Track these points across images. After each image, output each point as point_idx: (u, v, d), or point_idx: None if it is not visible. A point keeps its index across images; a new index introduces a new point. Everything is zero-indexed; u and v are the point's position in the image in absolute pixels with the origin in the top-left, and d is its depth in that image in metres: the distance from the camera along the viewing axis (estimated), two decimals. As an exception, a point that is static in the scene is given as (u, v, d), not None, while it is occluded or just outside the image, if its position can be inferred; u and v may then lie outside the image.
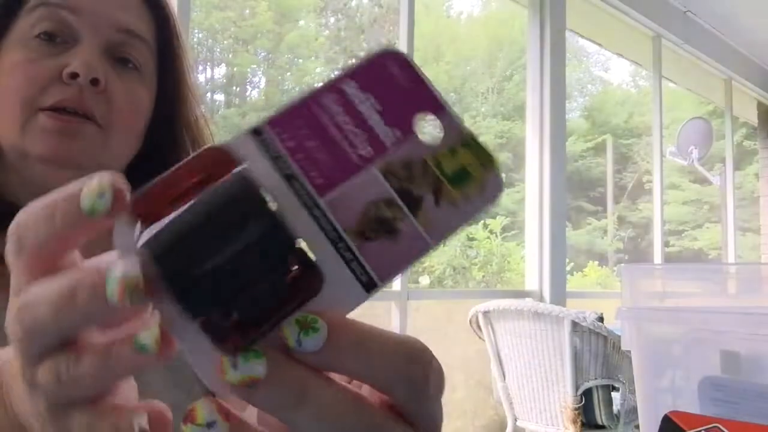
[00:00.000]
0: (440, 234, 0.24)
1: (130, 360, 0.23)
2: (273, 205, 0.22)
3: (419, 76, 0.25)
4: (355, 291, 0.24)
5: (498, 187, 0.25)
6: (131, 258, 0.22)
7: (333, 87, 0.25)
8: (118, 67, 0.63)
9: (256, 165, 0.23)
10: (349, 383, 0.24)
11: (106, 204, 0.22)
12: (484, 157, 0.25)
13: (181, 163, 0.24)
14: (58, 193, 0.24)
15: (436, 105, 0.25)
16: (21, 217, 0.24)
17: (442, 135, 0.25)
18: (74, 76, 0.59)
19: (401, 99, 0.25)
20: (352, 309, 0.24)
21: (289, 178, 0.24)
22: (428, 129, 0.25)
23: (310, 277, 0.23)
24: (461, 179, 0.25)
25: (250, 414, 0.24)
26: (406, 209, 0.24)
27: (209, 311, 0.22)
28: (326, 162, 0.24)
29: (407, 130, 0.25)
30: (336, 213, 0.24)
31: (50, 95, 0.59)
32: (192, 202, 0.22)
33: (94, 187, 0.23)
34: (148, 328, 0.23)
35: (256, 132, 0.24)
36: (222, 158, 0.23)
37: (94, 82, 0.60)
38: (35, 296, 0.23)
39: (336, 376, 0.24)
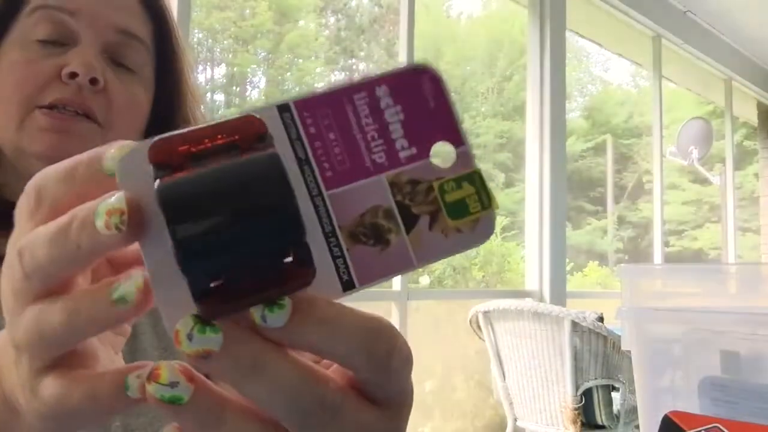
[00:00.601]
0: (425, 258, 0.25)
1: (103, 310, 0.23)
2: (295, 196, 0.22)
3: (448, 101, 0.26)
4: (333, 286, 0.24)
5: (489, 230, 0.26)
6: (121, 192, 0.23)
7: (366, 86, 0.25)
8: (117, 68, 0.64)
9: (276, 142, 0.24)
10: (318, 363, 0.25)
11: None
12: (485, 198, 0.26)
13: (211, 122, 0.24)
14: (79, 156, 0.25)
15: (455, 135, 0.25)
16: (40, 175, 0.25)
17: (452, 164, 0.25)
18: (73, 75, 0.59)
19: (426, 118, 0.25)
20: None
21: (302, 162, 0.24)
22: (443, 154, 0.25)
23: (304, 270, 0.23)
24: (458, 212, 0.25)
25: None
26: (401, 224, 0.25)
27: (201, 267, 0.22)
28: (341, 157, 0.25)
29: (423, 151, 0.25)
30: (336, 208, 0.24)
31: (49, 94, 0.60)
32: (220, 165, 0.22)
33: (117, 149, 0.24)
34: (129, 277, 0.23)
35: (283, 108, 0.24)
36: (253, 128, 0.23)
37: (93, 81, 0.60)
38: (35, 235, 0.24)
39: (306, 356, 0.24)
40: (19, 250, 0.24)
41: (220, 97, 10.63)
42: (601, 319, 2.57)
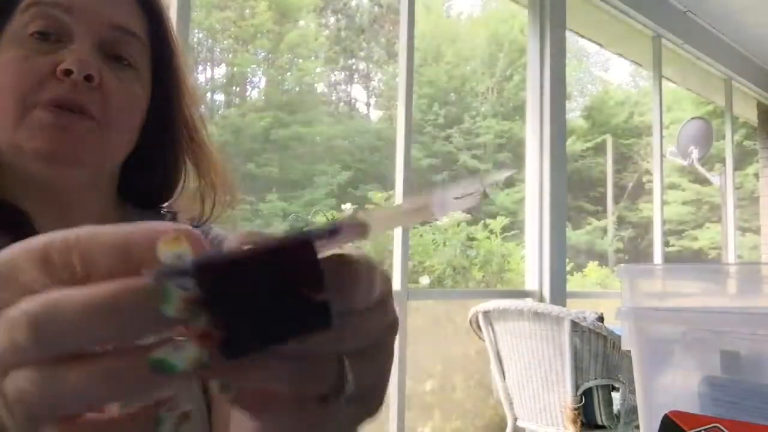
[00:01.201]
0: None
1: (141, 378, 0.22)
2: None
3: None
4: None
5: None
6: (184, 278, 0.22)
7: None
8: (112, 64, 0.63)
9: None
10: None
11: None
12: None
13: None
14: (134, 234, 0.23)
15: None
16: (83, 234, 0.23)
17: None
18: (68, 72, 0.59)
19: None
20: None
21: None
22: None
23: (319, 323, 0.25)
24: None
25: None
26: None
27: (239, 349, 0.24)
28: None
29: None
30: None
31: (45, 91, 0.59)
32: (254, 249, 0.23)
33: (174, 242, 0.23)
34: (177, 345, 0.22)
35: None
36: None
37: (89, 78, 0.60)
38: (63, 297, 0.22)
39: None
40: (32, 311, 0.22)
41: (220, 97, 10.63)
42: (601, 319, 2.57)
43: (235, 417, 0.42)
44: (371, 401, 0.30)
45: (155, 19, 0.68)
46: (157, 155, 0.70)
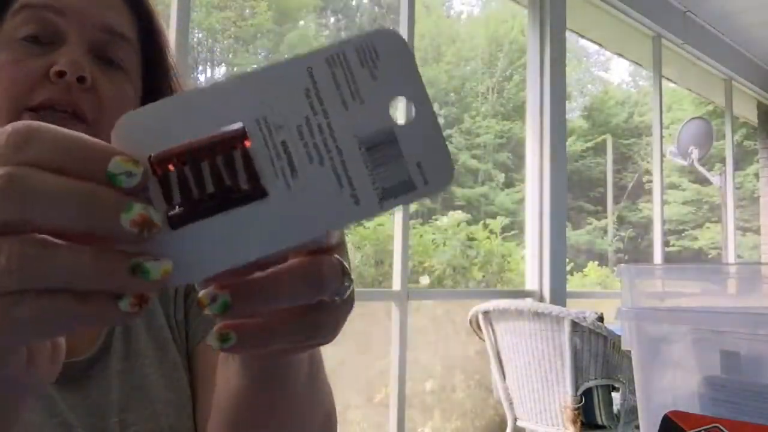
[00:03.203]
0: None
1: (120, 273, 0.27)
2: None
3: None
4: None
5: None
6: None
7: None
8: (104, 66, 0.64)
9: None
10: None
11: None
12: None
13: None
14: (84, 139, 0.28)
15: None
16: (40, 126, 0.28)
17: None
18: (61, 74, 0.59)
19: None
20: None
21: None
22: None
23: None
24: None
25: None
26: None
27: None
28: None
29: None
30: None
31: (38, 94, 0.60)
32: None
33: (122, 160, 0.27)
34: (155, 258, 0.27)
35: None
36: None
37: (81, 79, 0.60)
38: (43, 176, 0.26)
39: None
40: (11, 171, 0.26)
41: (220, 97, 10.61)
42: (601, 319, 2.57)
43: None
44: (347, 305, 0.35)
45: (145, 20, 0.69)
46: None
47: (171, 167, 0.28)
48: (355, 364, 3.62)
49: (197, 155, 0.28)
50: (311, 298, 0.32)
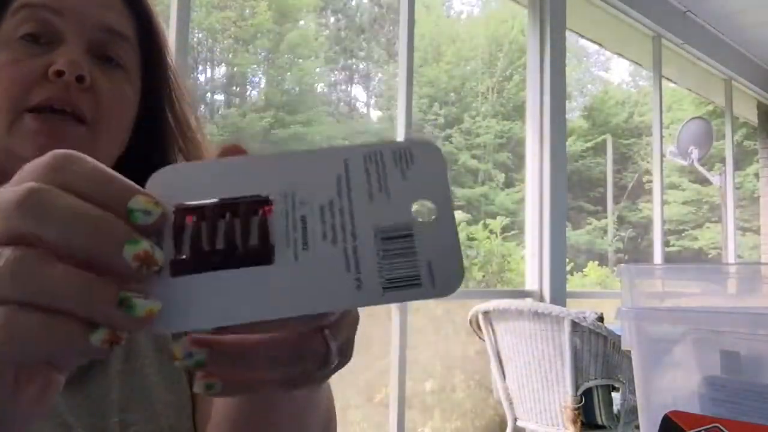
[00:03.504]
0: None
1: (106, 303, 0.27)
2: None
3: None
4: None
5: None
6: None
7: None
8: (103, 65, 0.64)
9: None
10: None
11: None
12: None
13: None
14: (115, 176, 0.29)
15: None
16: (76, 158, 0.29)
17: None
18: (60, 74, 0.59)
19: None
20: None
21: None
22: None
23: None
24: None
25: None
26: None
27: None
28: None
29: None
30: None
31: (36, 94, 0.60)
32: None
33: (149, 201, 0.28)
34: (144, 296, 0.27)
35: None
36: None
37: (80, 79, 0.60)
38: (64, 196, 0.27)
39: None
40: (38, 187, 0.27)
41: (220, 97, 10.63)
42: (601, 319, 2.57)
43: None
44: (348, 352, 0.35)
45: (144, 19, 0.69)
46: (148, 156, 0.70)
47: (189, 219, 0.29)
48: (355, 364, 3.61)
49: (217, 212, 0.29)
50: (289, 371, 0.32)
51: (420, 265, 0.29)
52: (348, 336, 0.34)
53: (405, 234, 0.29)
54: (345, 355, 0.34)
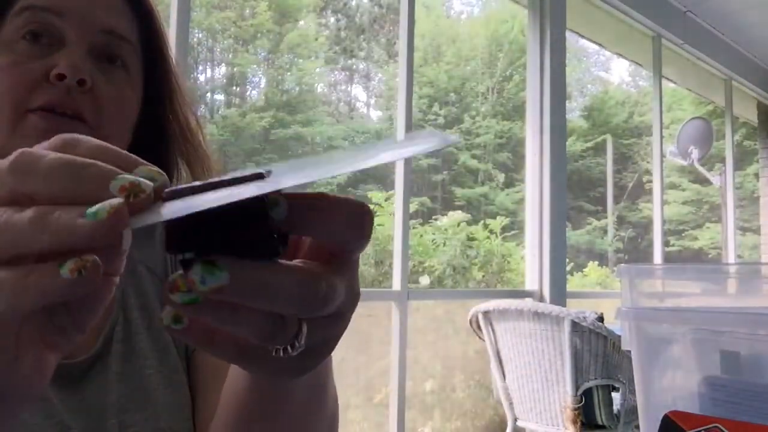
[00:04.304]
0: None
1: (69, 225, 0.26)
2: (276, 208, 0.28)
3: None
4: None
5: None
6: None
7: None
8: (105, 68, 0.64)
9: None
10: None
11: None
12: None
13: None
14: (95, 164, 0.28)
15: None
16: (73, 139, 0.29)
17: None
18: (61, 77, 0.59)
19: None
20: None
21: None
22: None
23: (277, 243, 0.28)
24: None
25: None
26: None
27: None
28: None
29: None
30: None
31: (38, 96, 0.60)
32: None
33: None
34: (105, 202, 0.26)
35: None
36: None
37: (81, 82, 0.60)
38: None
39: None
40: (28, 150, 0.28)
41: (220, 97, 10.63)
42: (601, 319, 2.57)
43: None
44: (315, 356, 0.33)
45: (146, 21, 0.69)
46: (149, 158, 0.70)
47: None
48: (355, 364, 3.62)
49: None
50: (256, 337, 0.30)
51: None
52: (324, 343, 0.33)
53: None
54: (309, 355, 0.32)
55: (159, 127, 0.71)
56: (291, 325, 0.30)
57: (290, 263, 0.29)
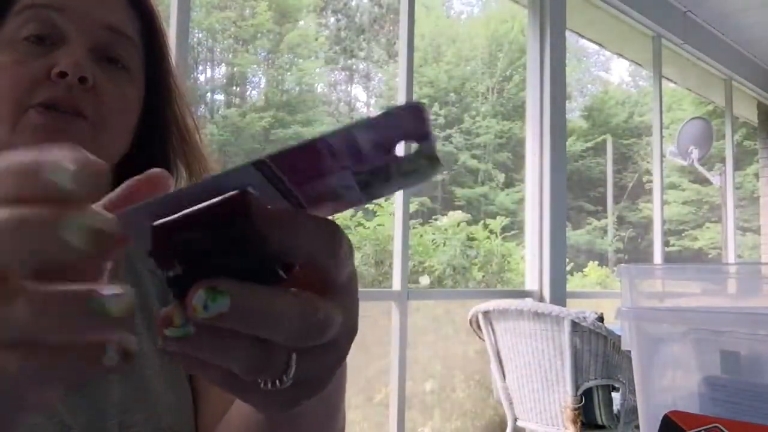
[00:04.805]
0: (372, 196, 0.29)
1: (79, 316, 0.24)
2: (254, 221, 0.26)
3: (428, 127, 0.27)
4: None
5: (431, 160, 0.27)
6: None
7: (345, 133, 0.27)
8: (106, 66, 0.64)
9: (269, 195, 0.27)
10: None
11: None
12: (436, 164, 0.27)
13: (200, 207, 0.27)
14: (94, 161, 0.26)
15: (420, 132, 0.27)
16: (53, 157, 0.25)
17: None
18: (63, 75, 0.59)
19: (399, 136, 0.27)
20: None
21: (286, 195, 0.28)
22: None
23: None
24: (408, 174, 0.28)
25: None
26: (355, 184, 0.28)
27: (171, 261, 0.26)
28: (312, 174, 0.27)
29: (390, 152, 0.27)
30: (309, 204, 0.28)
31: (39, 94, 0.60)
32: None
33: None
34: (117, 293, 0.25)
35: (260, 165, 0.27)
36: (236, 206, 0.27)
37: (83, 80, 0.60)
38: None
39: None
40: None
41: (220, 97, 10.64)
42: (601, 319, 2.57)
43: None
44: (308, 389, 0.31)
45: (147, 20, 0.69)
46: (148, 157, 0.70)
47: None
48: (355, 364, 3.62)
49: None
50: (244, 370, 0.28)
51: None
52: (317, 376, 0.31)
53: None
54: (303, 387, 0.31)
55: (158, 126, 0.71)
56: (279, 358, 0.28)
57: (290, 289, 0.28)
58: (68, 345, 0.25)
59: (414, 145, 0.27)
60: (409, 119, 0.26)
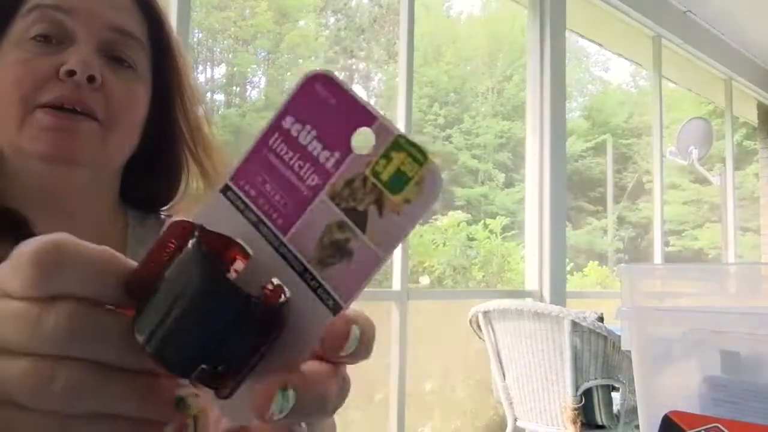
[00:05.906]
0: (389, 245, 0.25)
1: (165, 406, 0.27)
2: (235, 268, 0.26)
3: (347, 92, 0.26)
4: (324, 315, 0.26)
5: (436, 184, 0.25)
6: None
7: (274, 126, 0.26)
8: (114, 66, 0.64)
9: (229, 219, 0.26)
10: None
11: None
12: (417, 155, 0.25)
13: (155, 241, 0.26)
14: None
15: (367, 117, 0.25)
16: (68, 245, 0.25)
17: (374, 144, 0.25)
18: (71, 73, 0.59)
19: (335, 120, 0.26)
20: (321, 331, 0.26)
21: (257, 225, 0.26)
22: (362, 141, 0.26)
23: (278, 316, 0.25)
24: (399, 183, 0.25)
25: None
26: (355, 228, 0.25)
27: (193, 371, 0.25)
28: (283, 201, 0.26)
29: (345, 149, 0.26)
30: (298, 246, 0.26)
31: (48, 93, 0.60)
32: (163, 286, 0.25)
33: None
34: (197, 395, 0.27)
35: (225, 189, 0.26)
36: (186, 227, 0.26)
37: (91, 79, 0.60)
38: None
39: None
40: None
41: (220, 97, 10.63)
42: (601, 319, 2.57)
43: None
44: None
45: (154, 20, 0.69)
46: (158, 156, 0.70)
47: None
48: (355, 364, 3.61)
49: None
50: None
51: None
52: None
53: None
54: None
55: (167, 124, 0.71)
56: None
57: (323, 367, 0.27)
58: (145, 420, 0.27)
59: (366, 131, 0.26)
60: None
